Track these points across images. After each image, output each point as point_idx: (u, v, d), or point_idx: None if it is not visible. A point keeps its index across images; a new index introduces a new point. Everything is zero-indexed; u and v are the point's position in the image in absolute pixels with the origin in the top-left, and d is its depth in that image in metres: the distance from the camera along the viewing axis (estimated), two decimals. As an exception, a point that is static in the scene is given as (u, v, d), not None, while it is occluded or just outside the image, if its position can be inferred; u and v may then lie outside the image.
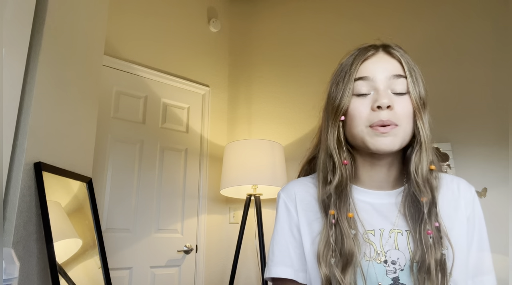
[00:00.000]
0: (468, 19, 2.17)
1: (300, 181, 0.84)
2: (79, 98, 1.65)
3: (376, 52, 0.74)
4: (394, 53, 0.73)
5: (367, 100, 0.71)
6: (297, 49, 2.78)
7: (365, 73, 0.72)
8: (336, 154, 0.73)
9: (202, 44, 2.90)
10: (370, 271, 0.69)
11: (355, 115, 0.71)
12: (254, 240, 2.54)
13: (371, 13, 2.50)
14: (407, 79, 0.71)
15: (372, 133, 0.69)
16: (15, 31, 1.27)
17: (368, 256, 0.70)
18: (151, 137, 2.48)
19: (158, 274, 2.34)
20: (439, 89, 2.12)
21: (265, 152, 2.29)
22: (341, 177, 0.72)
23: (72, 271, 1.40)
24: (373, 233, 0.72)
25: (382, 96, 0.69)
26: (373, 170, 0.75)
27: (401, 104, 0.69)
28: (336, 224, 0.70)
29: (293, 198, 0.79)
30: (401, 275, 0.69)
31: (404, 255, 0.70)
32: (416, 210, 0.71)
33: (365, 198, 0.75)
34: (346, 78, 0.73)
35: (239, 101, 2.95)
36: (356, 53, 0.75)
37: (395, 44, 0.77)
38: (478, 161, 1.97)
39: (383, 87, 0.70)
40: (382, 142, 0.68)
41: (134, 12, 2.52)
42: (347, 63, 0.75)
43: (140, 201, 2.35)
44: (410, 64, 0.73)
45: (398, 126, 0.68)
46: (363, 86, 0.71)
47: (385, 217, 0.73)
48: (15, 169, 1.29)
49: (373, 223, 0.73)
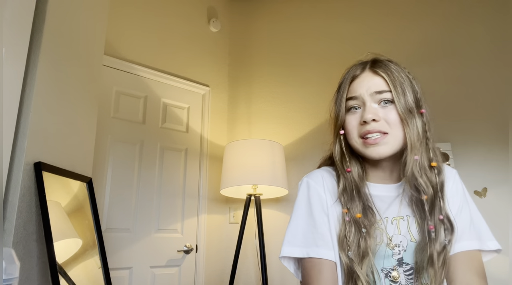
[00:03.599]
0: (468, 19, 2.17)
1: (323, 168, 0.92)
2: (79, 98, 1.65)
3: (362, 72, 0.84)
4: (379, 71, 0.82)
5: (357, 114, 0.82)
6: (297, 49, 2.78)
7: (353, 93, 0.83)
8: (340, 163, 0.85)
9: (202, 44, 2.89)
10: (379, 254, 0.79)
11: (348, 129, 0.83)
12: (254, 240, 2.54)
13: (371, 13, 2.50)
14: (391, 92, 0.80)
15: (364, 145, 0.80)
16: (15, 31, 1.27)
17: (378, 241, 0.80)
18: (151, 137, 2.48)
19: (158, 274, 2.34)
20: (439, 89, 2.12)
21: (265, 152, 2.29)
22: (346, 182, 0.83)
23: (72, 271, 1.40)
24: (380, 221, 0.82)
25: (367, 111, 0.79)
26: (377, 169, 0.86)
27: (388, 114, 0.79)
28: (349, 221, 0.79)
29: (320, 182, 0.87)
30: (405, 255, 0.79)
31: (405, 237, 0.80)
32: (419, 202, 0.80)
33: (373, 191, 0.84)
34: (339, 98, 0.86)
35: (239, 101, 2.95)
36: (346, 74, 0.87)
37: (384, 58, 0.86)
38: (478, 161, 1.97)
39: (369, 103, 0.80)
40: (374, 151, 0.79)
41: (134, 12, 2.52)
42: (341, 83, 0.88)
43: (140, 201, 2.35)
44: (396, 77, 0.81)
45: (388, 134, 0.78)
46: (353, 103, 0.83)
47: (389, 207, 0.83)
48: (15, 169, 1.29)
49: (380, 213, 0.82)
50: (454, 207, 0.82)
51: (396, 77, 0.80)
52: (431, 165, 0.78)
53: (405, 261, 0.78)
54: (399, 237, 0.80)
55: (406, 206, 0.82)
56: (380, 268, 0.78)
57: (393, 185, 0.85)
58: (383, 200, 0.84)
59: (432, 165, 0.78)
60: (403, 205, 0.82)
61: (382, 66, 0.83)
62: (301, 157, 2.54)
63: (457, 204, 0.83)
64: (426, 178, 0.77)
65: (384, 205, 0.83)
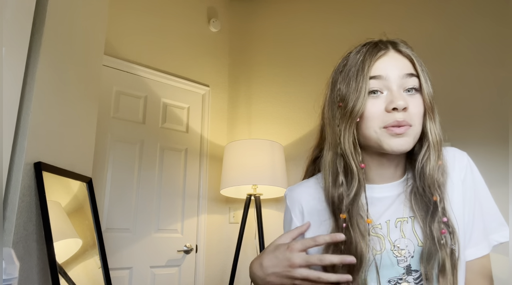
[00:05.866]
0: (468, 18, 2.17)
1: (303, 185, 0.84)
2: (79, 98, 1.65)
3: (387, 51, 0.72)
4: (405, 51, 0.72)
5: (380, 99, 0.69)
6: (297, 49, 2.78)
7: (378, 72, 0.69)
8: (353, 158, 0.70)
9: (202, 44, 2.89)
10: (383, 264, 0.69)
11: (368, 116, 0.69)
12: (254, 240, 2.54)
13: (371, 13, 2.50)
14: (419, 78, 0.70)
15: (387, 134, 0.67)
16: (15, 31, 1.27)
17: (377, 249, 0.70)
18: (151, 137, 2.48)
19: (158, 274, 2.34)
20: (439, 89, 2.11)
21: (265, 152, 2.28)
22: (359, 181, 0.70)
23: (72, 271, 1.40)
24: (379, 226, 0.72)
25: (398, 97, 0.67)
26: (381, 168, 0.75)
27: (413, 104, 0.68)
28: (347, 228, 0.69)
29: (298, 206, 0.81)
30: (412, 262, 0.69)
31: (411, 241, 0.70)
32: (423, 202, 0.71)
33: (372, 193, 0.74)
34: (360, 77, 0.69)
35: (239, 101, 2.95)
36: (365, 50, 0.72)
37: (401, 41, 0.75)
38: (478, 161, 1.96)
39: (396, 87, 0.68)
40: (397, 143, 0.67)
41: (134, 12, 2.52)
42: (355, 61, 0.72)
43: (140, 201, 2.35)
44: (420, 62, 0.72)
45: (412, 126, 0.68)
46: (376, 85, 0.69)
47: (390, 208, 0.74)
48: (15, 169, 1.29)
49: (380, 217, 0.73)
50: (464, 206, 0.74)
51: (421, 62, 0.72)
52: (438, 163, 0.71)
53: (413, 269, 0.69)
54: (405, 241, 0.70)
55: (409, 205, 0.72)
56: (386, 279, 0.69)
57: (395, 183, 0.75)
58: (383, 201, 0.74)
59: (439, 163, 0.71)
60: (406, 205, 0.73)
61: (407, 48, 0.73)
62: (301, 157, 2.54)
63: (468, 203, 0.74)
64: (434, 177, 0.70)
65: (383, 207, 0.74)
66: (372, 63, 0.70)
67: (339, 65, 0.77)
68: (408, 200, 0.73)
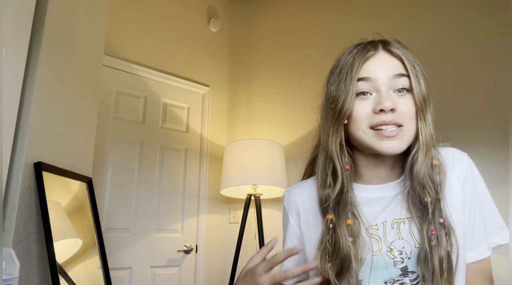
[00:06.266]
0: (468, 18, 2.17)
1: (301, 185, 0.85)
2: (79, 98, 1.65)
3: (377, 51, 0.72)
4: (395, 51, 0.71)
5: (369, 101, 0.69)
6: (297, 49, 2.78)
7: (366, 73, 0.70)
8: (338, 160, 0.72)
9: (202, 44, 2.89)
10: (379, 265, 0.69)
11: (356, 117, 0.70)
12: (254, 240, 2.54)
13: (371, 13, 2.50)
14: (409, 78, 0.69)
15: (377, 137, 0.68)
16: (15, 31, 1.27)
17: (374, 251, 0.70)
18: (151, 137, 2.48)
19: (158, 274, 2.34)
20: (439, 89, 2.11)
21: (265, 152, 2.29)
22: (343, 183, 0.71)
23: (72, 271, 1.40)
24: (376, 227, 0.72)
25: (385, 98, 0.67)
26: (377, 169, 0.75)
27: (403, 104, 0.68)
28: (333, 229, 0.70)
29: (294, 208, 0.81)
30: (409, 264, 0.69)
31: (408, 242, 0.70)
32: (419, 203, 0.70)
33: (367, 194, 0.75)
34: (348, 79, 0.70)
35: (239, 101, 2.95)
36: (355, 51, 0.73)
37: (395, 40, 0.75)
38: (478, 161, 1.96)
39: (385, 89, 0.69)
40: (389, 146, 0.68)
41: (134, 12, 2.52)
42: (346, 62, 0.73)
43: (140, 201, 2.35)
44: (412, 61, 0.71)
45: (403, 127, 0.68)
46: (364, 87, 0.70)
47: (387, 209, 0.73)
48: (15, 169, 1.29)
49: (376, 217, 0.73)
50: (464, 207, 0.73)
51: (412, 61, 0.71)
52: (434, 163, 0.70)
53: (410, 270, 0.69)
54: (401, 243, 0.70)
55: (406, 206, 0.72)
56: (382, 281, 0.69)
57: (391, 183, 0.75)
58: (379, 202, 0.74)
59: (435, 163, 0.70)
60: (403, 206, 0.73)
61: (398, 47, 0.72)
62: (301, 157, 2.53)
63: (468, 205, 0.73)
64: (430, 178, 0.69)
65: (379, 208, 0.74)
66: (360, 64, 0.70)
67: (332, 66, 0.78)
68: (405, 201, 0.73)
